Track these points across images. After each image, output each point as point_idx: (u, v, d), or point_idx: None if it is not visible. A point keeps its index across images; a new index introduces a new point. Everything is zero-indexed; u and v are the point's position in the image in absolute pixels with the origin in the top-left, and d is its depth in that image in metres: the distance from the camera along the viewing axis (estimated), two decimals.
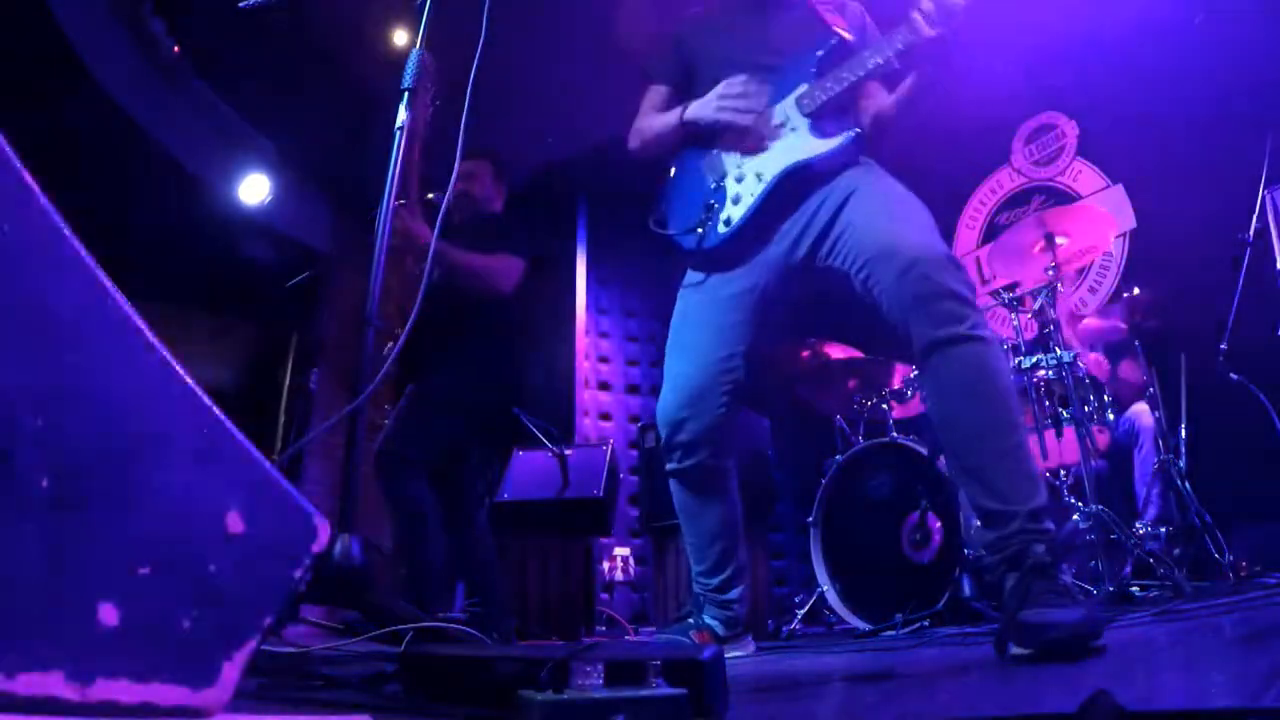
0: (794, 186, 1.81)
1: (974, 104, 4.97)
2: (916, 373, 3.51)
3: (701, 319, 1.88)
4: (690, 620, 1.94)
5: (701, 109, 1.90)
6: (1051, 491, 3.19)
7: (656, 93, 2.11)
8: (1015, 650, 1.26)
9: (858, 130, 1.80)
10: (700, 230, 1.86)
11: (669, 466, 1.93)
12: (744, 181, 1.84)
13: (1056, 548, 1.47)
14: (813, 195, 1.80)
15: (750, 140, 1.85)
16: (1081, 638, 1.21)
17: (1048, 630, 1.22)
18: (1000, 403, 1.53)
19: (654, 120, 2.04)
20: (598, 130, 5.53)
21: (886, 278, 1.61)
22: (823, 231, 1.77)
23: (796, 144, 1.81)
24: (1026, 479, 1.48)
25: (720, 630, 1.92)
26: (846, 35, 1.85)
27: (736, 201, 1.84)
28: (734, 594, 1.93)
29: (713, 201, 1.87)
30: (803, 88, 1.83)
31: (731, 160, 1.88)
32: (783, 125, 1.83)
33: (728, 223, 1.84)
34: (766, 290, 1.84)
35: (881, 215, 1.69)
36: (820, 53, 1.83)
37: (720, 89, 1.88)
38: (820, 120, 1.81)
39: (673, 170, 2.00)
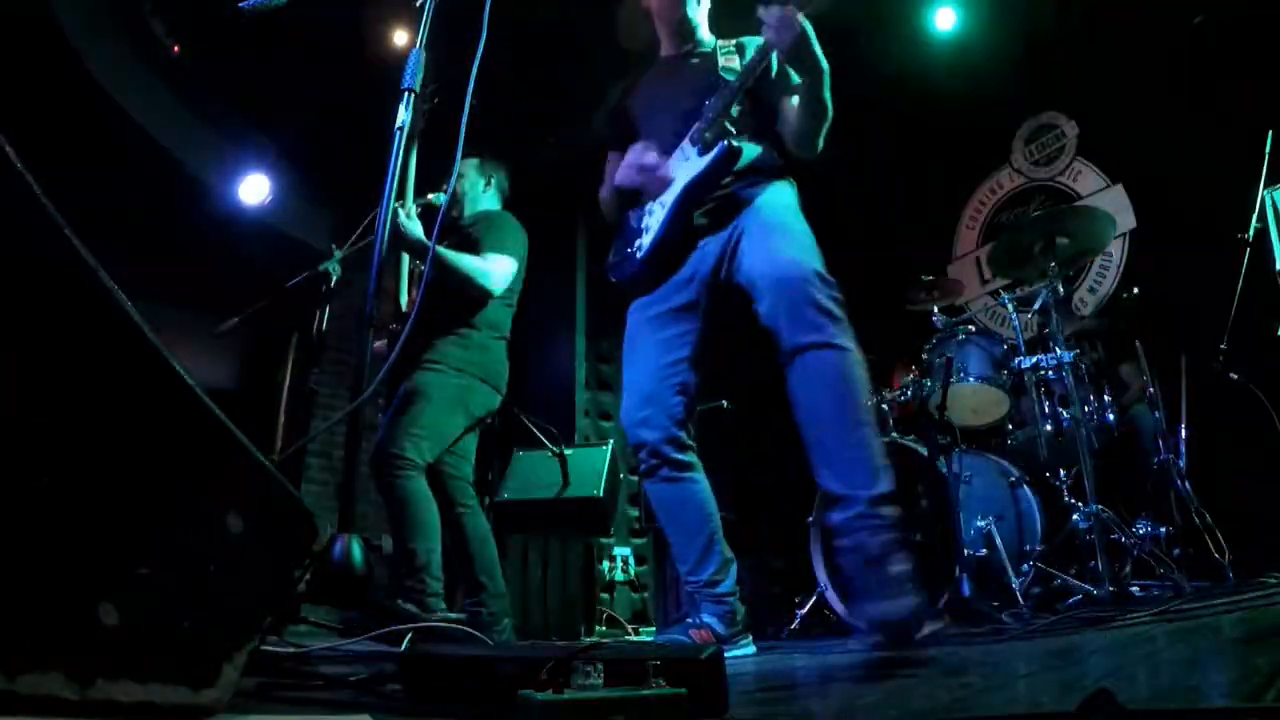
0: (694, 206, 2.06)
1: (974, 104, 4.97)
2: (914, 374, 3.53)
3: (648, 333, 2.10)
4: (690, 620, 1.96)
5: (620, 173, 2.18)
6: (1051, 491, 3.19)
7: (612, 162, 2.35)
8: (868, 638, 1.60)
9: (727, 143, 2.00)
10: (625, 262, 2.18)
11: (640, 470, 2.09)
12: (654, 214, 2.13)
13: (898, 531, 1.70)
14: (731, 218, 2.03)
15: (660, 184, 2.11)
16: (906, 629, 1.51)
17: (882, 624, 1.53)
18: (849, 401, 1.76)
19: (605, 190, 2.34)
20: (598, 131, 5.54)
21: (768, 292, 1.86)
22: (730, 255, 2.02)
23: (684, 172, 2.08)
24: (868, 470, 1.72)
25: (720, 628, 1.95)
26: (728, 78, 2.10)
27: (647, 231, 2.13)
28: (725, 587, 2.00)
29: (635, 238, 2.17)
30: (695, 126, 2.09)
31: (650, 204, 2.16)
32: (683, 162, 2.09)
33: (640, 249, 2.13)
34: (702, 304, 2.07)
35: (772, 242, 1.93)
36: (711, 99, 2.07)
37: (629, 157, 2.15)
38: (707, 143, 2.05)
39: (620, 226, 2.29)
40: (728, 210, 2.05)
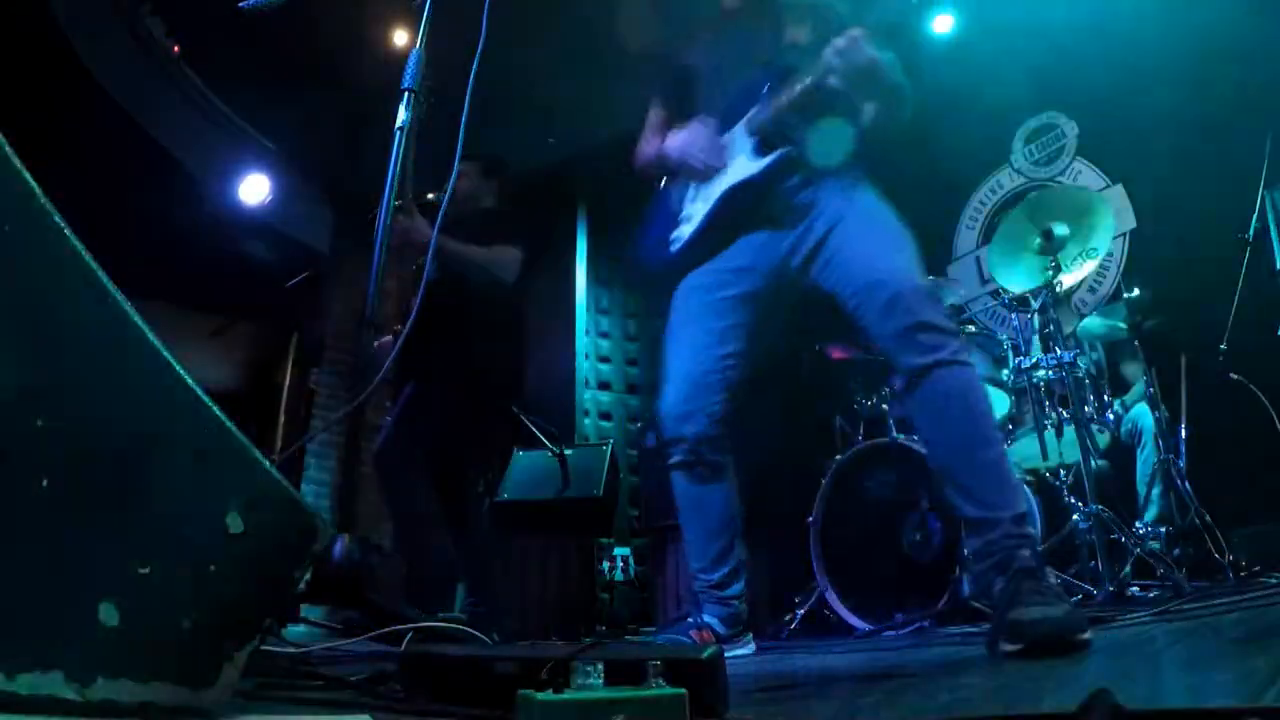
0: (742, 203, 1.93)
1: (974, 104, 4.97)
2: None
3: (698, 320, 1.98)
4: (690, 619, 1.95)
5: (671, 148, 2.04)
6: (1051, 492, 3.19)
7: (656, 114, 2.23)
8: (1006, 647, 1.35)
9: (784, 152, 1.87)
10: (659, 249, 2.06)
11: (671, 461, 2.00)
12: (695, 205, 2.01)
13: (1039, 550, 1.59)
14: (803, 216, 1.90)
15: (708, 170, 1.99)
16: (1068, 632, 1.30)
17: (1036, 626, 1.31)
18: (978, 420, 1.67)
19: (648, 146, 2.19)
20: (598, 131, 5.53)
21: (872, 310, 1.74)
22: (814, 250, 1.88)
23: (736, 168, 1.94)
24: (1007, 488, 1.61)
25: (721, 628, 1.94)
26: (790, 61, 1.92)
27: (687, 221, 2.01)
28: (734, 590, 1.97)
29: (673, 227, 2.05)
30: (754, 109, 1.94)
31: (693, 190, 2.04)
32: (737, 155, 1.96)
33: (678, 240, 2.02)
34: (762, 296, 1.96)
35: (868, 245, 1.81)
36: (771, 85, 1.91)
37: (685, 134, 2.01)
38: (766, 138, 1.91)
39: (655, 198, 2.17)
40: (796, 208, 1.91)
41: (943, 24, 4.94)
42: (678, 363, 1.98)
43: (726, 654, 1.14)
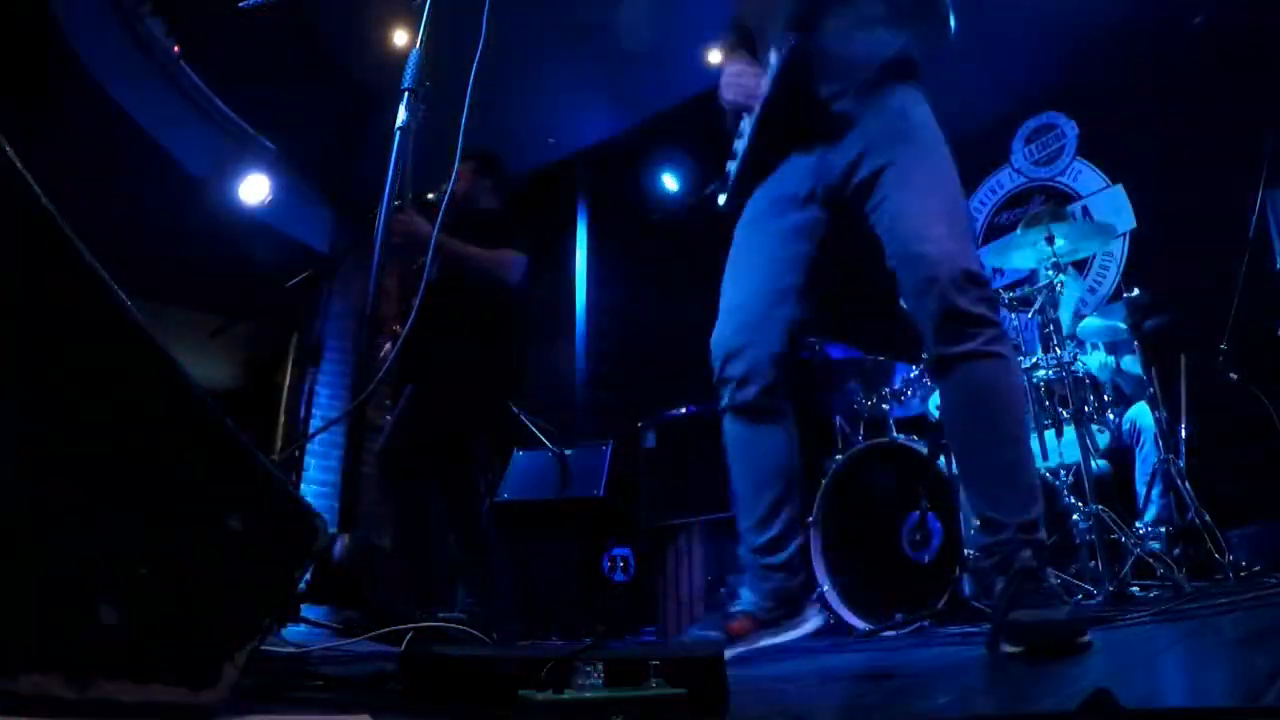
0: (780, 121, 1.81)
1: (974, 104, 4.97)
2: (916, 373, 3.52)
3: (759, 251, 1.84)
4: (727, 608, 1.78)
5: (723, 89, 1.94)
6: (1051, 492, 3.19)
7: (729, 62, 2.08)
8: (1007, 648, 1.33)
9: (790, 47, 1.73)
10: (722, 186, 1.95)
11: (722, 404, 1.85)
12: (742, 136, 1.91)
13: (1044, 554, 1.54)
14: (846, 130, 1.76)
15: (750, 99, 1.87)
16: (1069, 634, 1.28)
17: (1035, 629, 1.29)
18: (1003, 418, 1.59)
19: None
20: (598, 130, 5.54)
21: (909, 283, 1.64)
22: (868, 184, 1.74)
23: (763, 84, 1.83)
24: (1023, 492, 1.55)
25: (763, 611, 1.73)
26: None
27: (735, 156, 1.93)
28: (782, 557, 1.75)
29: (730, 161, 1.96)
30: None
31: (745, 118, 1.93)
32: (767, 72, 1.83)
33: (729, 174, 1.93)
34: (824, 223, 1.82)
35: (920, 204, 1.67)
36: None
37: (727, 69, 1.92)
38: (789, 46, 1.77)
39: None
40: (837, 118, 1.74)
41: None
42: (733, 294, 1.83)
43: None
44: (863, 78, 1.77)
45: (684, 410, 4.08)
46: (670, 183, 5.96)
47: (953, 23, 1.80)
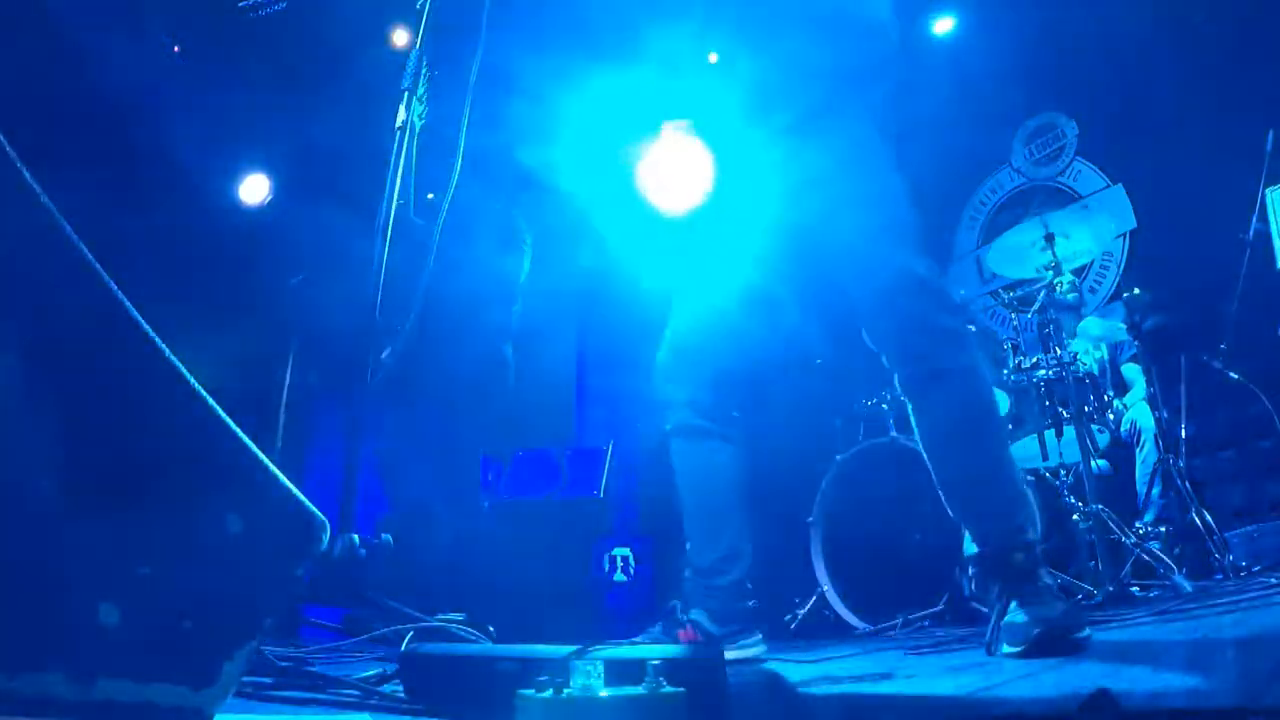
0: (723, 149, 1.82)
1: (974, 104, 4.97)
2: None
3: (705, 275, 1.83)
4: (678, 615, 1.79)
5: None
6: (1051, 492, 3.18)
7: None
8: (1006, 649, 1.34)
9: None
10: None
11: (667, 425, 1.84)
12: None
13: (1036, 554, 1.53)
14: (786, 152, 1.71)
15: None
16: (1065, 631, 1.30)
17: (1032, 628, 1.30)
18: (978, 431, 1.59)
19: None
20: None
21: (863, 298, 1.62)
22: (802, 205, 1.69)
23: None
24: (1006, 499, 1.56)
25: (711, 626, 1.73)
26: None
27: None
28: (727, 580, 1.75)
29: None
30: None
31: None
32: None
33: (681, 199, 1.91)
34: (770, 252, 1.78)
35: (858, 217, 1.63)
36: None
37: None
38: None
39: None
40: (781, 153, 1.72)
41: (943, 25, 4.95)
42: (677, 318, 1.83)
43: (727, 654, 1.12)
44: (803, 112, 1.73)
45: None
46: None
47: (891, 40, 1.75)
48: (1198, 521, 2.98)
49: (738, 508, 1.81)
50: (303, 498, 0.80)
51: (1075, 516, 2.90)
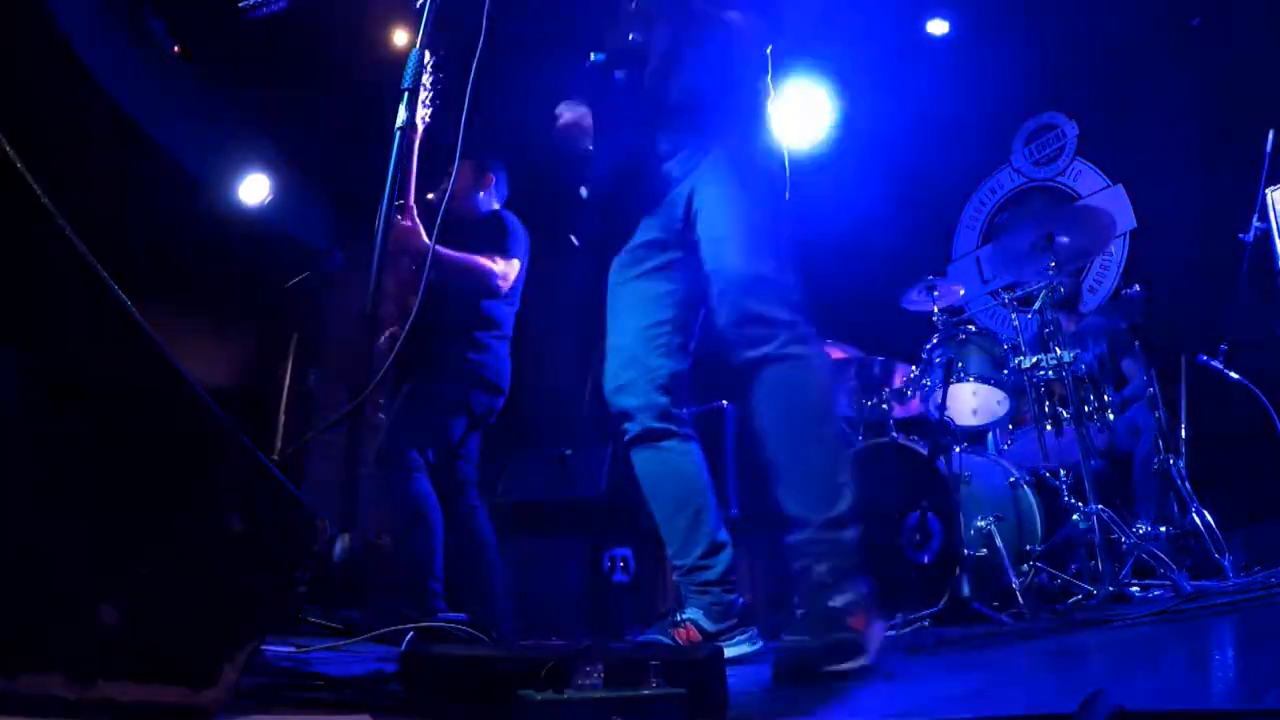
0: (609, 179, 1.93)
1: (974, 104, 4.97)
2: (916, 373, 3.52)
3: (629, 297, 1.93)
4: (672, 617, 1.81)
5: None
6: (1051, 492, 3.19)
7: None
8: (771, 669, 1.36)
9: (596, 57, 1.86)
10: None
11: (625, 438, 1.91)
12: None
13: (850, 552, 1.57)
14: (682, 161, 1.82)
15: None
16: (815, 663, 1.31)
17: (779, 654, 1.36)
18: (801, 416, 1.65)
19: None
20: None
21: (711, 296, 1.72)
22: (686, 209, 1.82)
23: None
24: (825, 490, 1.60)
25: (707, 623, 1.76)
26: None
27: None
28: (712, 575, 1.79)
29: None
30: None
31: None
32: None
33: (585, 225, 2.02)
34: (682, 262, 1.87)
35: (716, 224, 1.75)
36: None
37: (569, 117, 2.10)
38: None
39: None
40: (668, 177, 1.83)
41: (943, 25, 4.96)
42: (612, 339, 1.92)
43: (729, 651, 1.12)
44: (687, 136, 1.83)
45: (683, 411, 4.07)
46: None
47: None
48: (1198, 521, 2.99)
49: (709, 499, 1.86)
50: (303, 498, 0.81)
51: (1075, 516, 2.90)
